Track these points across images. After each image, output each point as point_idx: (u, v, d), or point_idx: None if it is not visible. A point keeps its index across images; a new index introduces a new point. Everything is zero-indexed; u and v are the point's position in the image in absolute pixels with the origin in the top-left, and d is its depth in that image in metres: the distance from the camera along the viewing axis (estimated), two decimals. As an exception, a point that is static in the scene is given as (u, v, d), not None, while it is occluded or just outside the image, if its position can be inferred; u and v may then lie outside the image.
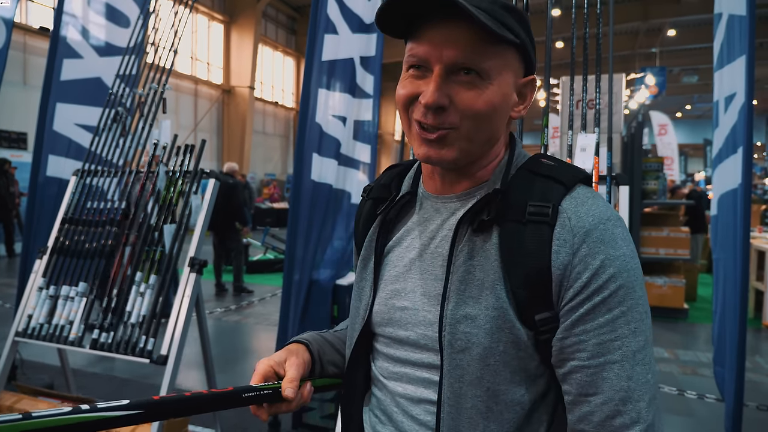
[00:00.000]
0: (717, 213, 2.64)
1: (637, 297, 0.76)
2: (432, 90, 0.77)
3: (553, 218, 0.77)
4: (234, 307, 6.92)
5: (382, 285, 0.91)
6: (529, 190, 0.81)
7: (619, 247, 0.76)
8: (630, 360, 0.74)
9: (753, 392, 4.18)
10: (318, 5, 3.09)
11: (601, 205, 0.80)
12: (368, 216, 0.98)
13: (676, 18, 20.97)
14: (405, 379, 0.87)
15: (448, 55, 0.77)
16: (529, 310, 0.77)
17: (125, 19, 3.67)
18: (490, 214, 0.80)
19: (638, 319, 0.75)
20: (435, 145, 0.80)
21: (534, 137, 31.29)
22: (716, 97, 2.63)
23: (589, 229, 0.76)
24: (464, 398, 0.79)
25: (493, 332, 0.77)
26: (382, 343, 0.91)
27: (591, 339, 0.75)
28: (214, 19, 21.60)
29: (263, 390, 0.86)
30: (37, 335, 2.71)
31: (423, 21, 0.79)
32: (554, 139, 9.16)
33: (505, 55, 0.80)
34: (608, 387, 0.74)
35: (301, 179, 3.05)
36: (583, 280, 0.75)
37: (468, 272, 0.80)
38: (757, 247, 6.69)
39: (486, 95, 0.78)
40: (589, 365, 0.75)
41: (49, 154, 3.54)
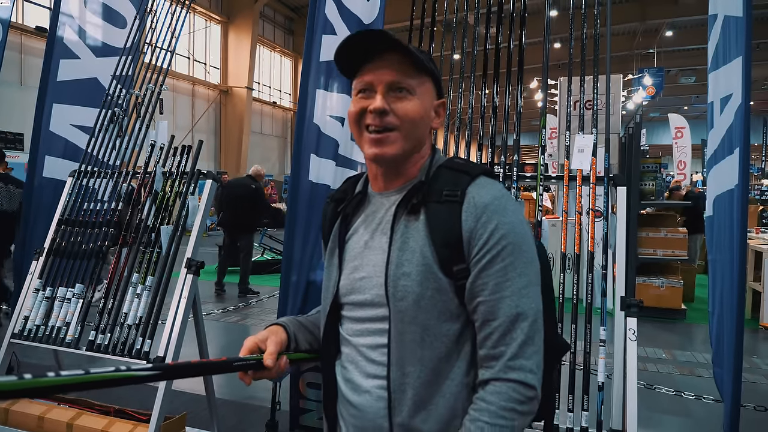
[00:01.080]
0: (712, 214, 2.63)
1: (522, 251, 1.05)
2: (378, 99, 1.09)
3: (461, 198, 1.07)
4: (231, 308, 6.91)
5: (345, 265, 1.18)
6: (445, 180, 1.11)
7: (509, 215, 1.06)
8: (517, 294, 1.03)
9: (750, 393, 4.18)
10: (316, 5, 3.08)
11: (497, 187, 1.10)
12: (332, 215, 1.25)
13: (673, 19, 21.02)
14: (365, 333, 1.14)
15: (387, 77, 1.09)
16: (449, 264, 1.06)
17: (122, 19, 3.65)
18: (418, 198, 1.10)
19: (523, 265, 1.04)
20: (381, 144, 1.09)
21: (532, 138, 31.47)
22: (711, 98, 2.63)
23: (488, 203, 1.06)
24: (405, 334, 1.07)
25: (422, 282, 1.05)
26: (347, 309, 1.17)
27: (490, 281, 1.04)
28: (211, 19, 21.57)
29: (249, 360, 1.10)
30: (33, 337, 2.70)
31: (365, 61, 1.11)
32: (552, 140, 9.16)
33: (424, 80, 1.13)
34: (502, 313, 1.03)
35: (298, 180, 3.05)
36: (484, 238, 1.04)
37: (404, 242, 1.09)
38: (754, 247, 6.70)
39: (414, 105, 1.10)
40: (490, 299, 1.03)
41: (45, 155, 3.52)
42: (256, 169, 7.97)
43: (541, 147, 2.52)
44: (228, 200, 7.64)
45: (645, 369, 4.77)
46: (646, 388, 4.24)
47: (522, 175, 2.53)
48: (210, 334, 2.98)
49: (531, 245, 1.07)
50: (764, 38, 21.60)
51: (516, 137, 2.49)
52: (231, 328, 6.07)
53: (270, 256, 9.90)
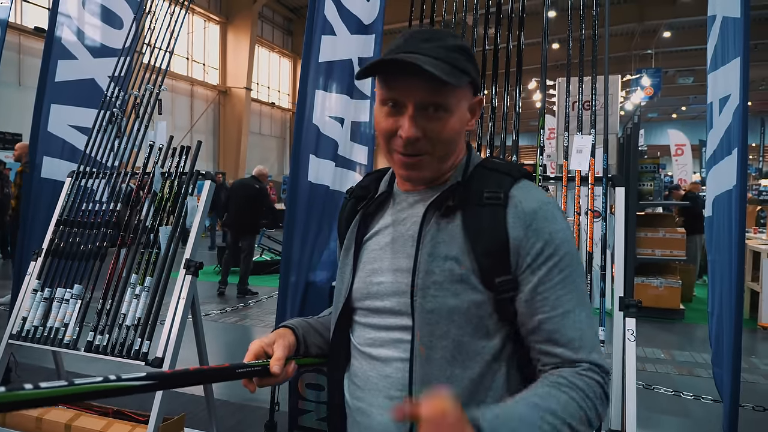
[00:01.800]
0: (712, 214, 2.64)
1: (576, 261, 0.98)
2: (408, 126, 0.96)
3: (505, 201, 0.98)
4: (230, 308, 6.90)
5: (361, 267, 1.08)
6: (484, 181, 1.02)
7: (560, 223, 0.98)
8: (579, 307, 0.96)
9: (749, 393, 4.19)
10: (315, 6, 3.08)
11: (541, 193, 1.02)
12: (350, 213, 1.16)
13: (671, 19, 21.05)
14: (378, 343, 1.03)
15: (419, 97, 0.96)
16: (490, 275, 0.96)
17: (119, 20, 3.65)
18: (454, 201, 1.00)
19: (579, 276, 0.98)
20: (413, 168, 1.00)
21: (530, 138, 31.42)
22: (710, 98, 2.63)
23: (536, 209, 0.97)
24: (434, 350, 0.96)
25: (457, 294, 0.95)
26: (360, 315, 1.08)
27: (551, 295, 0.95)
28: (210, 20, 21.57)
29: (254, 367, 1.01)
30: (31, 338, 2.70)
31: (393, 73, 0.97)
32: (550, 141, 9.17)
33: (461, 90, 1.00)
34: (568, 330, 0.94)
35: (297, 181, 3.05)
36: (538, 248, 0.95)
37: (435, 247, 0.98)
38: (752, 247, 6.71)
39: (450, 124, 0.99)
40: (552, 315, 0.94)
41: (43, 156, 3.52)
42: (259, 170, 8.04)
43: (540, 148, 2.52)
44: (233, 201, 7.71)
45: (644, 369, 4.78)
46: (645, 388, 4.25)
47: (520, 175, 2.53)
48: (209, 335, 2.97)
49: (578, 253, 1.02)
50: (762, 39, 21.63)
51: (515, 138, 2.50)
52: (230, 328, 6.07)
53: (269, 256, 9.90)
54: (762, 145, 30.29)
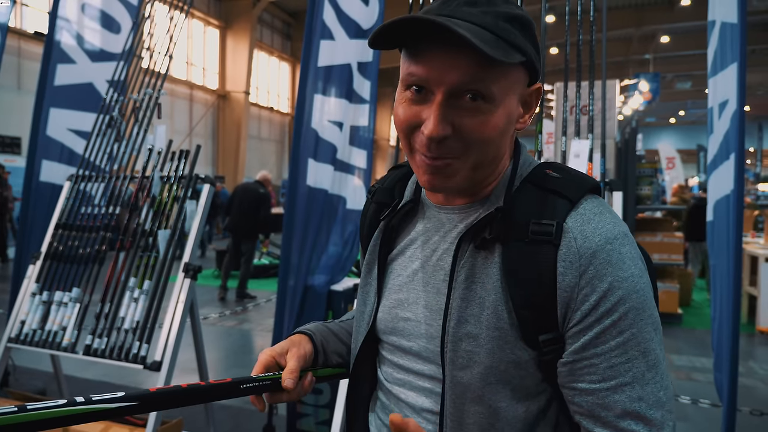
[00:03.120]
0: (713, 219, 2.64)
1: (647, 317, 0.75)
2: (434, 122, 0.74)
3: (557, 237, 0.76)
4: (229, 312, 6.90)
5: (386, 293, 0.92)
6: (532, 206, 0.79)
7: (627, 268, 0.75)
8: (640, 381, 0.73)
9: (747, 397, 4.19)
10: (314, 11, 3.10)
11: (608, 222, 0.78)
12: (372, 220, 0.98)
13: (669, 24, 21.12)
14: (408, 387, 0.88)
15: (451, 80, 0.73)
16: (533, 331, 0.77)
17: (117, 25, 3.67)
18: (492, 232, 0.79)
19: (648, 339, 0.74)
20: (439, 173, 0.78)
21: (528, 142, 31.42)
22: (710, 103, 2.65)
23: (596, 250, 0.75)
24: (466, 414, 0.80)
25: (494, 352, 0.77)
26: (386, 350, 0.92)
27: (602, 363, 0.74)
28: (209, 24, 21.60)
29: (263, 381, 0.86)
30: (30, 341, 2.69)
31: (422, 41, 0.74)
32: (548, 145, 9.19)
33: (510, 73, 0.76)
34: (619, 407, 0.73)
35: (296, 185, 3.05)
36: (591, 302, 0.74)
37: (469, 289, 0.80)
38: (750, 252, 6.72)
39: (493, 121, 0.75)
40: (601, 388, 0.74)
41: (42, 159, 3.52)
42: (263, 175, 8.05)
43: (538, 152, 2.53)
44: (236, 204, 7.70)
45: (642, 373, 4.78)
46: (643, 393, 4.25)
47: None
48: (208, 339, 2.97)
49: (654, 308, 0.77)
50: (760, 44, 21.72)
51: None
52: (229, 332, 6.06)
53: (267, 260, 9.90)
54: (760, 149, 30.36)
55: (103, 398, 0.75)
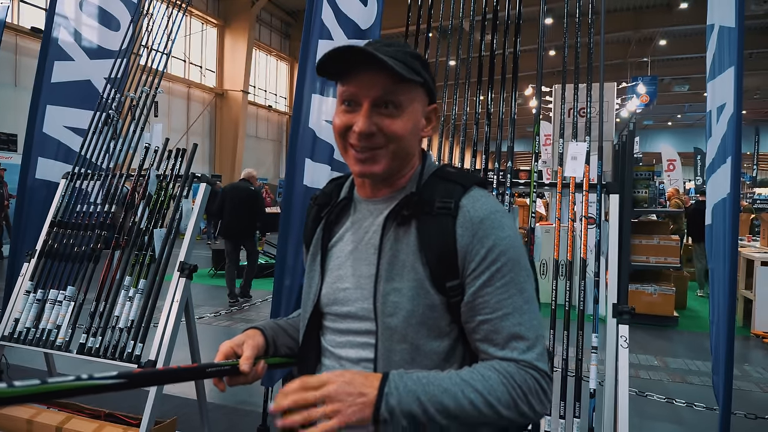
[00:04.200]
0: (711, 222, 2.64)
1: (521, 266, 1.02)
2: (363, 120, 1.02)
3: (455, 211, 1.03)
4: (224, 311, 6.88)
5: (328, 273, 1.14)
6: (437, 191, 1.07)
7: (505, 230, 1.02)
8: (519, 311, 1.00)
9: (742, 400, 4.20)
10: (312, 10, 3.09)
11: (491, 202, 1.06)
12: (315, 219, 1.21)
13: (667, 28, 21.18)
14: (348, 345, 1.09)
15: (373, 93, 1.02)
16: (442, 280, 1.02)
17: (116, 22, 3.65)
18: (409, 210, 1.05)
19: (523, 281, 1.02)
20: (367, 162, 1.04)
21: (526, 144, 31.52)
22: (709, 107, 2.64)
23: (483, 218, 1.02)
24: (394, 352, 1.02)
25: (413, 299, 1.01)
26: (329, 320, 1.13)
27: (491, 299, 1.00)
28: (208, 22, 21.58)
29: (224, 366, 1.05)
30: (23, 339, 2.68)
31: (352, 68, 1.02)
32: (546, 147, 9.20)
33: (413, 91, 1.06)
34: (506, 330, 0.99)
35: (293, 184, 3.04)
36: (481, 254, 1.00)
37: (394, 256, 1.05)
38: (746, 255, 6.74)
39: (402, 122, 1.04)
40: (492, 317, 1.00)
41: (38, 157, 3.50)
42: (248, 172, 7.82)
43: (535, 154, 2.53)
44: (230, 205, 7.38)
45: (637, 376, 4.78)
46: (638, 395, 4.25)
47: (516, 181, 2.54)
48: (202, 338, 2.96)
49: (527, 260, 1.05)
50: (757, 48, 21.79)
51: (510, 144, 2.50)
52: (224, 331, 6.05)
53: (263, 260, 9.89)
54: (756, 153, 30.46)
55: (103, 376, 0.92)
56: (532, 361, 0.98)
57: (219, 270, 9.56)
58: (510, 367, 0.97)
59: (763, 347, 5.98)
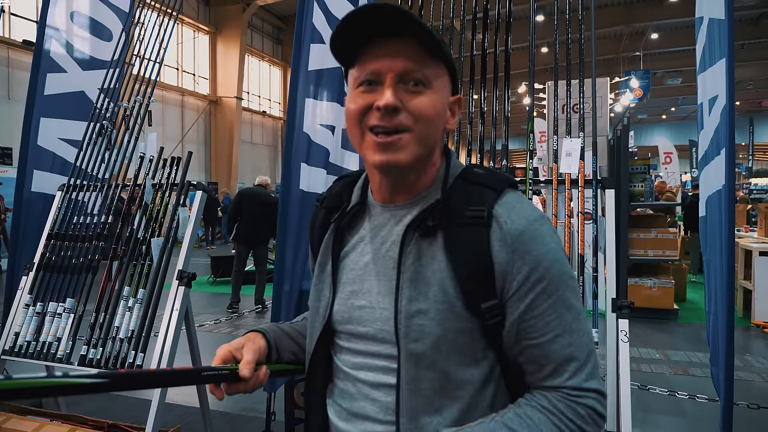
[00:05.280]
0: (705, 214, 2.65)
1: (566, 280, 0.91)
2: (388, 94, 0.88)
3: (488, 221, 0.91)
4: (224, 319, 6.87)
5: (341, 287, 1.01)
6: (465, 197, 0.94)
7: (547, 243, 0.91)
8: (568, 331, 0.90)
9: (744, 391, 4.21)
10: (303, 15, 3.09)
11: (528, 208, 0.93)
12: (322, 224, 1.08)
13: (658, 21, 21.25)
14: (366, 368, 0.97)
15: (399, 65, 0.89)
16: (476, 301, 0.90)
17: (108, 32, 3.65)
18: (434, 220, 0.92)
19: (569, 297, 0.91)
20: (390, 149, 0.90)
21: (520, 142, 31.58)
22: (700, 99, 2.65)
23: (522, 230, 0.90)
24: (420, 381, 0.90)
25: (443, 322, 0.89)
26: (343, 339, 1.01)
27: (539, 322, 0.89)
28: (199, 30, 21.57)
29: (221, 370, 0.94)
30: (24, 353, 2.68)
31: (367, 45, 0.91)
32: (541, 144, 9.21)
33: (440, 72, 0.94)
34: (556, 355, 0.89)
35: (289, 189, 3.04)
36: (524, 273, 0.89)
37: (417, 272, 0.92)
38: (744, 246, 6.75)
39: (431, 100, 0.91)
40: (540, 342, 0.90)
41: (34, 169, 3.50)
42: (264, 179, 7.68)
43: (530, 151, 2.53)
44: (247, 210, 7.22)
45: (639, 370, 4.79)
46: (640, 389, 4.26)
47: (512, 179, 2.54)
48: (203, 346, 2.96)
49: (569, 267, 0.94)
50: (748, 39, 21.86)
51: (504, 142, 2.51)
52: (224, 339, 6.04)
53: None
54: (751, 143, 30.55)
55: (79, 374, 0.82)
56: (582, 385, 0.89)
57: (218, 277, 9.55)
58: (559, 402, 0.89)
59: (763, 337, 5.99)
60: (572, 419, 0.88)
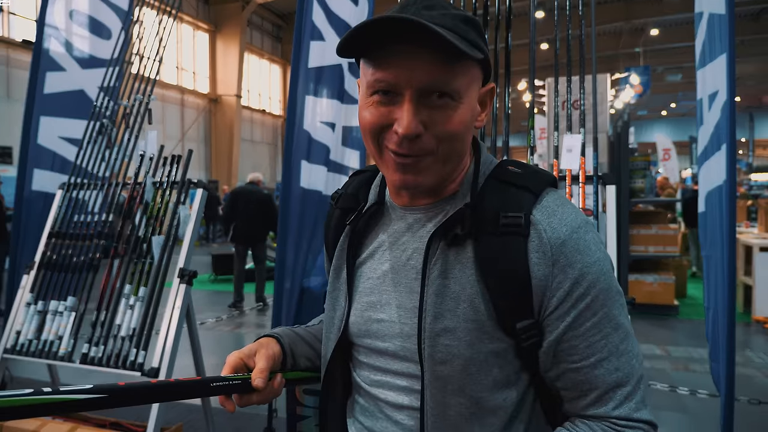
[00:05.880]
0: (705, 210, 2.65)
1: (614, 295, 0.81)
2: (408, 119, 0.76)
3: (526, 229, 0.79)
4: (226, 316, 6.88)
5: (357, 297, 0.92)
6: (499, 200, 0.82)
7: (593, 254, 0.80)
8: (615, 353, 0.79)
9: (744, 386, 4.21)
10: (303, 12, 3.09)
11: (571, 213, 0.82)
12: (338, 225, 0.98)
13: (658, 17, 21.20)
14: (386, 387, 0.89)
15: (420, 79, 0.76)
16: (510, 320, 0.80)
17: (107, 31, 3.65)
18: (464, 228, 0.82)
19: (617, 314, 0.80)
20: (411, 170, 0.80)
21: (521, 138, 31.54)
22: (699, 95, 2.65)
23: (564, 239, 0.79)
24: (448, 406, 0.81)
25: (472, 343, 0.80)
26: (361, 353, 0.92)
27: (581, 343, 0.79)
28: (199, 28, 21.55)
29: (232, 380, 0.85)
30: (26, 351, 2.68)
31: (386, 43, 0.77)
32: (541, 140, 9.20)
33: (471, 71, 0.81)
34: (601, 381, 0.79)
35: (290, 187, 3.04)
36: (565, 288, 0.78)
37: (443, 286, 0.82)
38: (744, 242, 6.75)
39: (459, 116, 0.79)
40: (582, 366, 0.79)
41: (34, 168, 3.50)
42: (256, 176, 7.64)
43: (531, 148, 2.53)
44: (242, 210, 7.19)
45: (640, 366, 4.79)
46: (642, 385, 4.26)
47: (512, 176, 2.54)
48: (205, 344, 2.97)
49: (616, 282, 0.83)
50: (749, 34, 21.83)
51: (505, 138, 2.50)
52: (226, 336, 6.04)
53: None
54: (751, 139, 30.53)
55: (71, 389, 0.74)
56: (632, 416, 0.79)
57: (219, 275, 9.55)
58: None
59: (764, 333, 5.99)
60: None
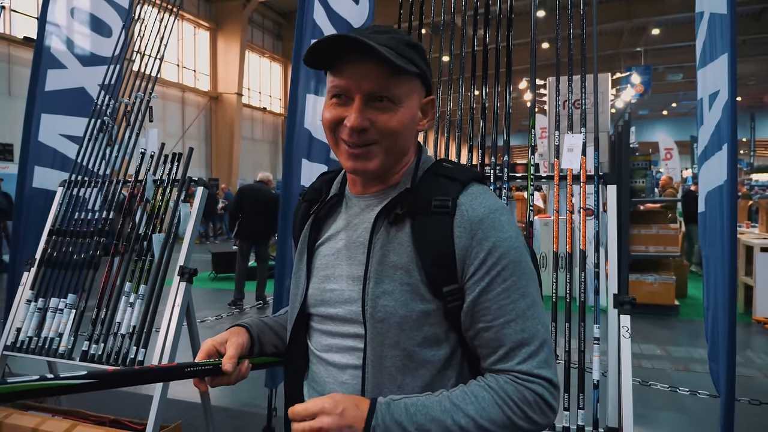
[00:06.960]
0: (705, 210, 2.65)
1: (523, 268, 0.96)
2: (355, 116, 0.95)
3: (452, 210, 0.96)
4: (226, 314, 6.88)
5: (315, 272, 1.08)
6: (433, 188, 1.00)
7: (506, 231, 0.96)
8: (522, 317, 0.95)
9: (745, 387, 4.21)
10: (304, 10, 3.09)
11: (490, 198, 1.00)
12: (303, 216, 1.15)
13: (659, 17, 21.17)
14: (335, 350, 1.03)
15: (366, 87, 0.95)
16: (439, 284, 0.96)
17: (108, 28, 3.64)
18: (403, 208, 0.98)
19: (525, 285, 0.96)
20: (360, 158, 0.98)
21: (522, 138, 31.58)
22: (700, 95, 2.64)
23: (482, 217, 0.96)
24: (384, 359, 0.96)
25: (406, 303, 0.95)
26: (316, 321, 1.07)
27: (492, 305, 0.94)
28: (200, 26, 21.54)
29: (205, 366, 1.00)
30: (26, 349, 2.68)
31: (342, 58, 0.95)
32: (542, 140, 9.20)
33: (410, 82, 0.99)
34: (508, 339, 0.94)
35: (290, 185, 3.04)
36: (481, 258, 0.94)
37: (384, 256, 0.98)
38: (745, 242, 6.75)
39: (398, 116, 0.97)
40: (493, 325, 0.95)
41: (35, 166, 3.50)
42: (265, 175, 7.67)
43: (531, 147, 2.53)
44: (249, 208, 7.22)
45: (640, 366, 4.79)
46: (642, 385, 4.26)
47: (513, 175, 2.54)
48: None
49: (529, 259, 1.00)
50: (751, 34, 21.80)
51: (506, 138, 2.50)
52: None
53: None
54: (752, 139, 30.50)
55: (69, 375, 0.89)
56: (533, 371, 0.93)
57: (219, 273, 9.56)
58: (507, 384, 0.93)
59: (764, 333, 5.99)
60: (517, 402, 0.92)
